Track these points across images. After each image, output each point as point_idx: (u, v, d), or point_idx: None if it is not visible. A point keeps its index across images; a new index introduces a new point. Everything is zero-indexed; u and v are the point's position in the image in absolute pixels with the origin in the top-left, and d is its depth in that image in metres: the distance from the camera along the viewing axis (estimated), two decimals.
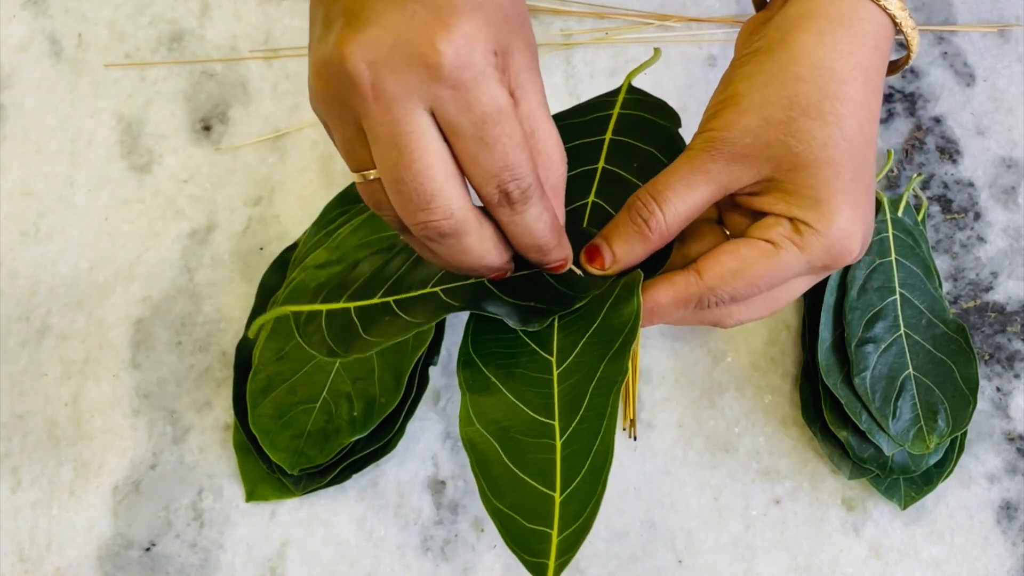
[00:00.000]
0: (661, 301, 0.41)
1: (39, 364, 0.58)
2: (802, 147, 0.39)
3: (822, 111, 0.39)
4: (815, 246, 0.40)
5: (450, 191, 0.35)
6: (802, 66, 0.39)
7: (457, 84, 0.33)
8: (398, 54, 0.33)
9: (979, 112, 0.62)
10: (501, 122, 0.34)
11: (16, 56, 0.65)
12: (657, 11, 0.66)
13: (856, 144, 0.39)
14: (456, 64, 0.33)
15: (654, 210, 0.40)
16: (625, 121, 0.47)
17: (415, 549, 0.53)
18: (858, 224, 0.40)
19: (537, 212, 0.37)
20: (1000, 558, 0.53)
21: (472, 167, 0.35)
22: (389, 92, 0.34)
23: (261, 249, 0.60)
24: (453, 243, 0.36)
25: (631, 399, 0.56)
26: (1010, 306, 0.58)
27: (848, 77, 0.39)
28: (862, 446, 0.52)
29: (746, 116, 0.40)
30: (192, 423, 0.56)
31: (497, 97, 0.34)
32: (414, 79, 0.33)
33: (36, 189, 0.62)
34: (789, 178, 0.39)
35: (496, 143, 0.34)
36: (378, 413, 0.52)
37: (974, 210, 0.60)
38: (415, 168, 0.34)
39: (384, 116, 0.34)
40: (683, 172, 0.41)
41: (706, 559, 0.53)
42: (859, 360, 0.53)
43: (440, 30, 0.33)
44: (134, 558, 0.53)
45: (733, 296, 0.40)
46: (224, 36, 0.66)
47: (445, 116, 0.34)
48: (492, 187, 0.35)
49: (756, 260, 0.40)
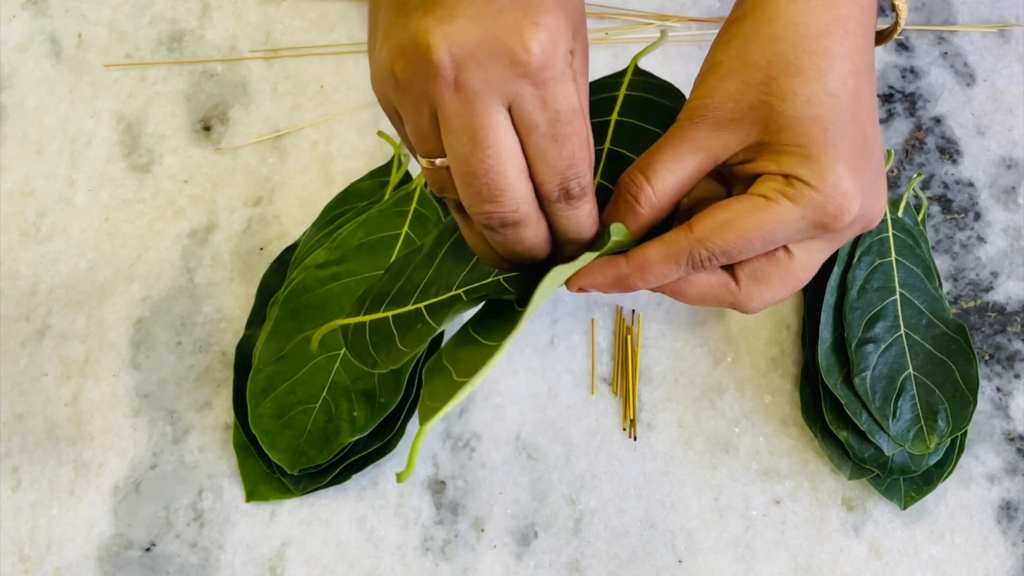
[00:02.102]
0: (651, 257, 0.40)
1: (39, 364, 0.58)
2: (785, 105, 0.39)
3: (801, 67, 0.39)
4: (808, 200, 0.39)
5: (519, 187, 0.35)
6: (776, 26, 0.39)
7: (539, 82, 0.34)
8: (485, 48, 0.33)
9: (979, 112, 0.62)
10: (573, 121, 0.35)
11: (16, 56, 0.65)
12: (657, 11, 0.66)
13: (842, 99, 0.39)
14: (542, 62, 0.33)
15: (643, 185, 0.40)
16: (631, 102, 0.47)
17: (415, 549, 0.53)
18: (853, 181, 0.39)
19: (589, 209, 0.38)
20: (1000, 558, 0.53)
21: (540, 163, 0.36)
22: (471, 86, 0.34)
23: (261, 249, 0.60)
24: (511, 233, 0.37)
25: (631, 399, 0.56)
26: (1010, 306, 0.58)
27: (824, 31, 0.39)
28: (862, 446, 0.52)
29: (726, 80, 0.40)
30: (192, 423, 0.56)
31: (572, 96, 0.35)
32: (498, 74, 0.33)
33: (36, 189, 0.62)
34: (777, 139, 0.39)
35: (567, 141, 0.35)
36: (378, 413, 0.52)
37: (974, 210, 0.60)
38: (489, 163, 0.35)
39: (463, 108, 0.34)
40: (670, 143, 0.41)
41: (706, 559, 0.53)
42: (859, 360, 0.53)
43: (529, 26, 0.33)
44: (134, 558, 0.53)
45: (724, 248, 0.39)
46: (224, 36, 0.66)
47: (522, 112, 0.34)
48: (555, 184, 0.36)
49: (747, 212, 0.39)
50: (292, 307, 0.54)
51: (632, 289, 0.41)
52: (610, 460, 0.55)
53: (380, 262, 0.54)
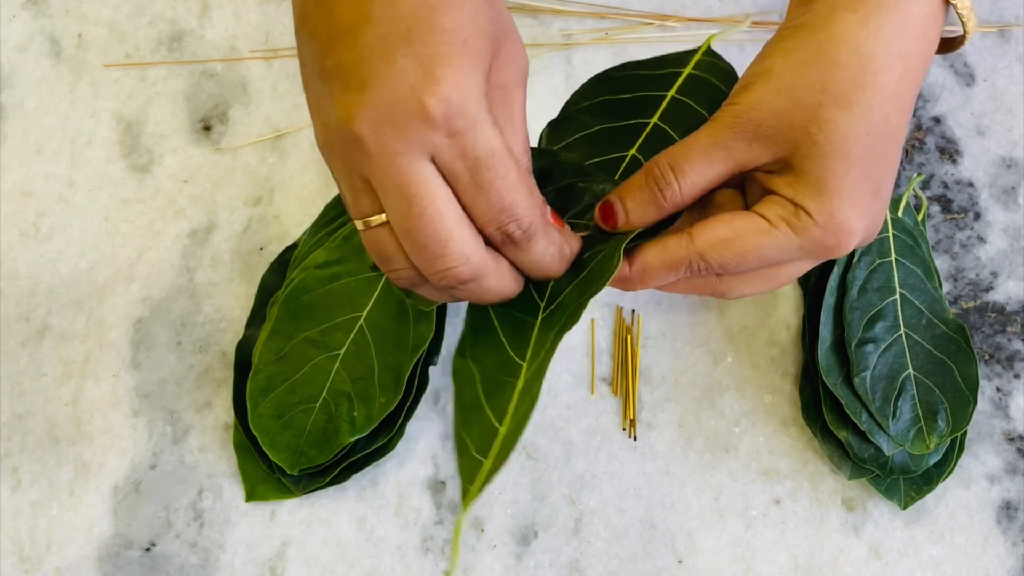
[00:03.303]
0: (651, 263, 0.41)
1: (39, 364, 0.58)
2: (822, 136, 0.39)
3: (851, 101, 0.38)
4: (810, 234, 0.40)
5: (462, 235, 0.36)
6: (842, 50, 0.39)
7: (452, 132, 0.34)
8: (396, 111, 0.34)
9: (979, 112, 0.62)
10: (494, 166, 0.35)
11: (16, 56, 0.65)
12: (657, 11, 0.66)
13: (878, 137, 0.39)
14: (449, 114, 0.34)
15: (671, 180, 0.41)
16: (693, 82, 0.47)
17: (415, 549, 0.53)
18: (859, 220, 0.40)
19: (542, 247, 0.38)
20: (1000, 558, 0.53)
21: (473, 211, 0.36)
22: (393, 147, 0.35)
23: (261, 249, 0.60)
24: (474, 287, 0.37)
25: (631, 399, 0.56)
26: (1010, 306, 0.58)
27: (885, 66, 0.39)
28: (862, 446, 0.52)
29: (776, 96, 0.39)
30: (192, 423, 0.56)
31: (490, 140, 0.35)
32: (414, 132, 0.34)
33: (36, 189, 0.62)
34: (802, 164, 0.39)
35: (491, 187, 0.35)
36: (378, 413, 0.52)
37: (974, 210, 0.60)
38: (427, 215, 0.35)
39: (390, 169, 0.35)
40: (704, 146, 0.41)
41: (706, 559, 0.53)
42: (859, 360, 0.53)
43: (430, 84, 0.34)
44: (134, 558, 0.53)
45: (722, 265, 0.40)
46: (224, 36, 0.66)
47: (444, 163, 0.35)
48: (494, 228, 0.36)
49: (748, 234, 0.40)
50: (292, 307, 0.54)
51: (631, 290, 0.42)
52: (610, 460, 0.55)
53: None
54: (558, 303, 0.39)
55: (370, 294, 0.54)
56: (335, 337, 0.53)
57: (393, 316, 0.53)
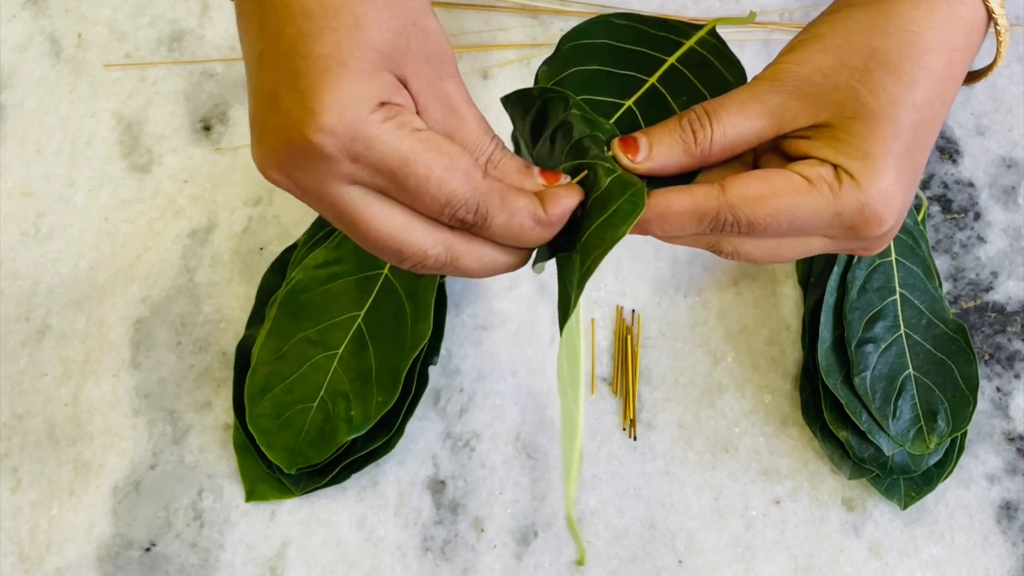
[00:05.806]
0: (676, 207, 0.38)
1: (39, 364, 0.58)
2: (871, 98, 0.37)
3: (901, 70, 0.37)
4: (850, 198, 0.37)
5: (413, 235, 0.36)
6: (891, 23, 0.38)
7: (353, 156, 0.34)
8: (294, 155, 0.34)
9: (979, 112, 0.62)
10: (412, 171, 0.34)
11: (16, 56, 0.65)
12: (657, 11, 0.66)
13: (923, 115, 0.38)
14: (341, 143, 0.33)
15: (705, 124, 0.39)
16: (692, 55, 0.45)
17: (415, 549, 0.53)
18: (898, 194, 0.38)
19: (504, 220, 0.36)
20: (1000, 558, 0.53)
21: (421, 208, 0.36)
22: (310, 186, 0.35)
23: (261, 249, 0.60)
24: (452, 269, 0.37)
25: (631, 399, 0.56)
26: (1010, 306, 0.58)
27: (933, 49, 0.38)
28: (862, 446, 0.52)
29: (823, 55, 0.38)
30: (192, 423, 0.56)
31: (396, 149, 0.34)
32: (319, 170, 0.34)
33: (36, 189, 0.62)
34: (846, 126, 0.38)
35: (419, 189, 0.35)
36: (375, 412, 0.52)
37: (974, 210, 0.60)
38: (371, 232, 0.35)
39: (319, 204, 0.35)
40: (742, 97, 0.39)
41: (706, 559, 0.53)
42: (859, 360, 0.53)
43: (312, 119, 0.33)
44: (134, 558, 0.53)
45: (751, 221, 0.37)
46: (224, 36, 0.66)
47: (365, 183, 0.35)
48: (446, 220, 0.36)
49: (785, 192, 0.37)
50: (291, 307, 0.54)
51: (647, 234, 0.39)
52: (610, 460, 0.55)
53: (379, 261, 0.54)
54: (581, 245, 0.37)
55: (368, 293, 0.54)
56: (333, 336, 0.53)
57: (391, 315, 0.53)
